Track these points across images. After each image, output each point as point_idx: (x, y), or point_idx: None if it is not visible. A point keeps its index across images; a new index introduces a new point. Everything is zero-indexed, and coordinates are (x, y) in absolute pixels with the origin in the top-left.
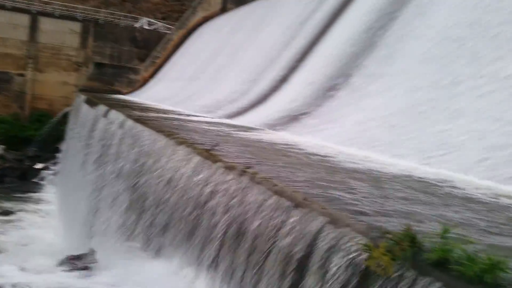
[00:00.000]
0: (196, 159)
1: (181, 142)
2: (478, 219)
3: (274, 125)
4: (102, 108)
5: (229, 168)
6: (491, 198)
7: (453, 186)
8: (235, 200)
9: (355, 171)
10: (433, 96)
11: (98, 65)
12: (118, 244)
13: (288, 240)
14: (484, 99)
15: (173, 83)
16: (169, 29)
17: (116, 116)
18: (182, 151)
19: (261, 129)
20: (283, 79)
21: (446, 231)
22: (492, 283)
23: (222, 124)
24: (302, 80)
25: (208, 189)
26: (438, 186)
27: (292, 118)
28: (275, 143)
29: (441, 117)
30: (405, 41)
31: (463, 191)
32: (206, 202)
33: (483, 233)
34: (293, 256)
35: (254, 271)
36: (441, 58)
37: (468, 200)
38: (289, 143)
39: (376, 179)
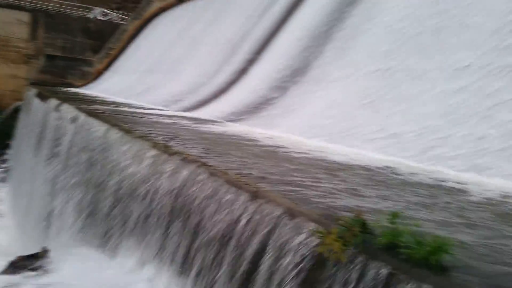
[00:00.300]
0: (152, 152)
1: (137, 135)
2: (424, 203)
3: (233, 118)
4: (53, 102)
5: (185, 161)
6: (435, 182)
7: (399, 172)
8: (190, 193)
9: (309, 160)
10: (385, 87)
11: (50, 57)
12: (74, 243)
13: (243, 231)
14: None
15: (129, 75)
16: (124, 20)
17: (68, 110)
18: (137, 145)
19: (220, 121)
20: (243, 71)
21: (394, 216)
22: (437, 264)
23: (180, 117)
24: (262, 72)
25: (164, 183)
26: (386, 172)
27: (251, 110)
28: (233, 136)
29: (389, 107)
30: (359, 34)
31: (410, 176)
32: (162, 197)
33: (429, 217)
34: (250, 248)
35: (211, 264)
36: (391, 50)
37: (414, 185)
38: (247, 136)
39: (327, 168)
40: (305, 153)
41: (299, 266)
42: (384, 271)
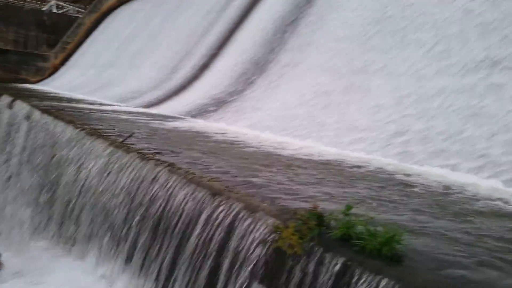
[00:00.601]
0: (109, 149)
1: (93, 133)
2: (379, 196)
3: (196, 114)
4: (6, 98)
5: (144, 158)
6: (391, 175)
7: (354, 165)
8: (150, 190)
9: (269, 155)
10: (345, 83)
11: (1, 51)
12: (28, 244)
13: (204, 227)
14: (389, 85)
15: (87, 70)
16: (80, 12)
17: (21, 107)
18: (93, 142)
19: (182, 118)
20: (205, 66)
21: (349, 208)
22: (389, 255)
23: (140, 113)
24: (224, 67)
25: (121, 180)
26: (345, 166)
27: (214, 106)
28: (195, 132)
29: (351, 102)
30: (319, 30)
31: (369, 170)
32: (119, 194)
33: (383, 209)
34: (211, 244)
35: (171, 261)
36: (352, 47)
37: (370, 179)
38: (209, 131)
39: (287, 163)
40: (264, 147)
41: (258, 261)
42: (339, 262)
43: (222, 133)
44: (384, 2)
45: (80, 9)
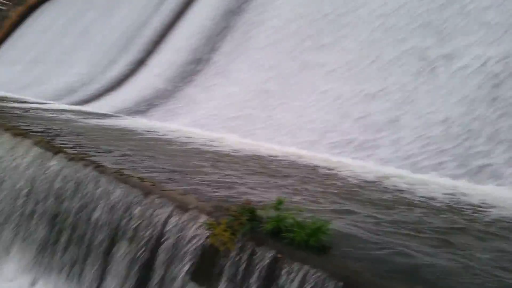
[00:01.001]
0: (35, 150)
1: (18, 133)
2: (308, 188)
3: (131, 111)
4: None
5: (73, 159)
6: (314, 166)
7: (287, 160)
8: (79, 191)
9: (202, 153)
10: (282, 80)
11: None
12: None
13: (137, 228)
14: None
15: (13, 66)
16: (4, 5)
17: None
18: (16, 143)
19: (116, 115)
20: (141, 62)
21: (279, 202)
22: (316, 245)
23: (72, 111)
24: (161, 63)
25: (47, 182)
26: (280, 161)
27: (150, 103)
28: (129, 130)
29: (289, 99)
30: (258, 27)
31: (302, 164)
32: (47, 195)
33: (313, 201)
34: (143, 244)
35: (102, 262)
36: (290, 44)
37: (300, 172)
38: (143, 129)
39: (215, 160)
40: (198, 144)
41: (192, 258)
42: (269, 255)
43: (157, 131)
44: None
45: (4, 1)
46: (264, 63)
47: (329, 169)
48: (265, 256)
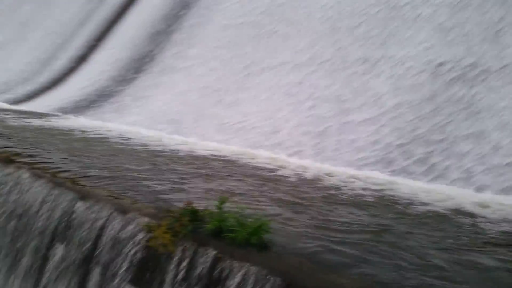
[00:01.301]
0: None
1: None
2: (251, 188)
3: (70, 110)
4: None
5: (6, 161)
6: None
7: (229, 159)
8: (12, 194)
9: (142, 153)
10: (228, 78)
11: None
12: None
13: (74, 232)
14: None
15: None
16: None
17: None
18: None
19: (55, 114)
20: (82, 59)
21: (222, 202)
22: (257, 243)
23: (5, 110)
24: (103, 61)
25: None
26: (222, 159)
27: (90, 102)
28: (66, 130)
29: (234, 98)
30: (204, 25)
31: (245, 163)
32: None
33: (255, 199)
34: (81, 249)
35: (39, 268)
36: (236, 43)
37: (247, 170)
38: (82, 129)
39: (155, 159)
40: (145, 146)
41: (131, 261)
42: (211, 255)
43: (96, 131)
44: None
45: None
46: (212, 61)
47: (272, 168)
48: (207, 256)
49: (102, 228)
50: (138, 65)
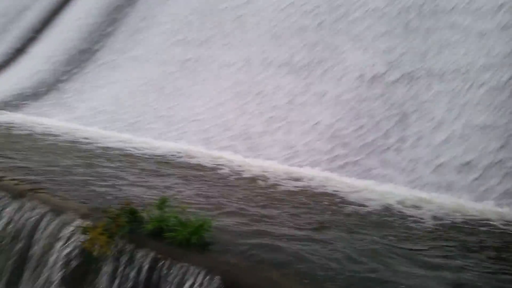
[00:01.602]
0: None
1: None
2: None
3: (5, 105)
4: None
5: None
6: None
7: (178, 157)
8: None
9: (81, 151)
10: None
11: None
12: None
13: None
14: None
15: None
16: None
17: None
18: None
19: None
20: (20, 51)
21: (163, 201)
22: (198, 243)
23: None
24: (43, 54)
25: None
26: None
27: (28, 97)
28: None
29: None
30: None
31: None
32: None
33: (197, 198)
34: (12, 251)
35: None
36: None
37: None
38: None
39: (93, 158)
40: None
41: (66, 264)
42: (149, 256)
43: (32, 127)
44: None
45: None
46: (155, 56)
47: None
48: (145, 258)
49: (35, 229)
50: (79, 59)
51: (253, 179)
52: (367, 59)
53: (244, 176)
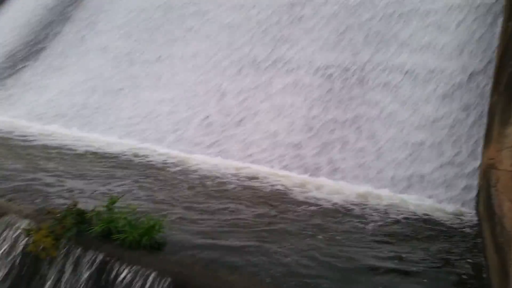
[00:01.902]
0: None
1: None
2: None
3: None
4: None
5: None
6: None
7: (122, 155)
8: None
9: (24, 148)
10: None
11: None
12: None
13: None
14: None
15: None
16: None
17: None
18: None
19: None
20: None
21: (113, 202)
22: (149, 244)
23: None
24: None
25: None
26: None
27: None
28: None
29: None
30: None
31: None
32: None
33: (147, 199)
34: None
35: None
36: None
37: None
38: None
39: (38, 157)
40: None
41: (8, 269)
42: (97, 259)
43: None
44: None
45: None
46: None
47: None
48: (93, 260)
49: None
50: (28, 51)
51: (209, 178)
52: None
53: (203, 175)
